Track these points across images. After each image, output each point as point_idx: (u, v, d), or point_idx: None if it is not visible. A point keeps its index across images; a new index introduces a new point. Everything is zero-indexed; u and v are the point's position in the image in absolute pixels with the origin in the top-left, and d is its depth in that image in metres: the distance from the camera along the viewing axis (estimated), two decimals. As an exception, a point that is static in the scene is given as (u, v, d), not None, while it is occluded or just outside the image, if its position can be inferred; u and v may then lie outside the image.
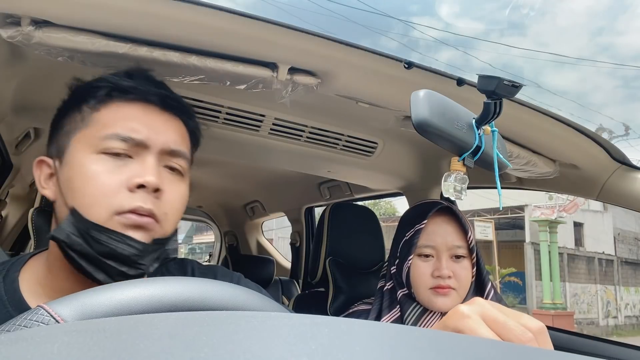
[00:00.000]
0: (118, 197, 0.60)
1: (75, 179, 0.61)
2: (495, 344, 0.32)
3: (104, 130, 0.63)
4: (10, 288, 0.62)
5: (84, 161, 0.61)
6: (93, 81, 0.68)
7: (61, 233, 0.59)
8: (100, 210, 0.59)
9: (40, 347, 0.25)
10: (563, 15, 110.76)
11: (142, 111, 0.66)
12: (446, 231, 1.06)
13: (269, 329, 0.29)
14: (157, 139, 0.64)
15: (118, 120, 0.64)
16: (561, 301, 11.80)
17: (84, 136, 0.63)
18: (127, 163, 0.62)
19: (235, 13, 0.76)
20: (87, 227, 0.58)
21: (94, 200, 0.59)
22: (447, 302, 1.02)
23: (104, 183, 0.60)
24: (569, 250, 13.37)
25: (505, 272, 13.04)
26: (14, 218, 2.39)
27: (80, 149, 0.63)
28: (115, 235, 0.58)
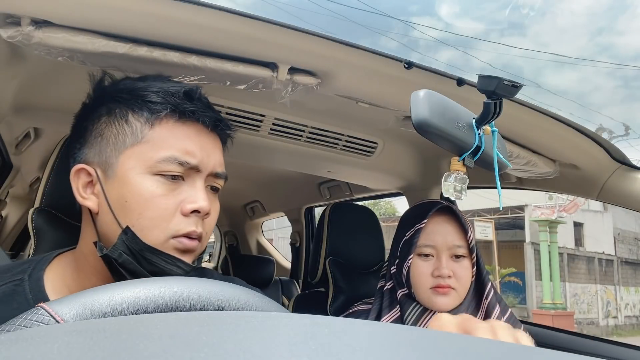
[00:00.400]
0: (174, 221, 0.62)
1: (131, 200, 0.61)
2: (495, 344, 0.32)
3: (160, 151, 0.62)
4: (35, 287, 0.63)
5: (140, 182, 0.61)
6: (142, 91, 0.65)
7: (114, 252, 0.60)
8: (158, 234, 0.61)
9: (40, 347, 0.25)
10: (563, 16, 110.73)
11: (194, 132, 0.65)
12: (446, 231, 1.06)
13: (269, 329, 0.29)
14: (208, 163, 0.66)
15: (173, 141, 0.63)
16: (561, 301, 11.80)
17: (137, 153, 0.62)
18: (180, 185, 0.63)
19: (235, 13, 0.76)
20: (142, 249, 0.60)
21: (152, 223, 0.61)
22: (447, 302, 1.02)
23: (160, 207, 0.61)
24: (569, 250, 13.38)
25: (505, 272, 13.03)
26: (14, 218, 2.40)
27: (134, 167, 0.62)
28: (168, 258, 0.61)
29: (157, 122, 0.63)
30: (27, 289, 0.62)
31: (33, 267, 0.65)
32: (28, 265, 0.66)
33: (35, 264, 0.66)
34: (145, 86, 0.66)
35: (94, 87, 0.71)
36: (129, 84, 0.67)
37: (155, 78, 0.70)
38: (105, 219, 0.63)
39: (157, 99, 0.64)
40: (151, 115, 0.63)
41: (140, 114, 0.64)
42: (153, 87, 0.65)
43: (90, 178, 0.65)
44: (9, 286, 0.62)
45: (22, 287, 0.62)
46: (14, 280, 0.63)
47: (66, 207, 0.88)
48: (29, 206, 0.96)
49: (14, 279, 0.63)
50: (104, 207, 0.63)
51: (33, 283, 0.63)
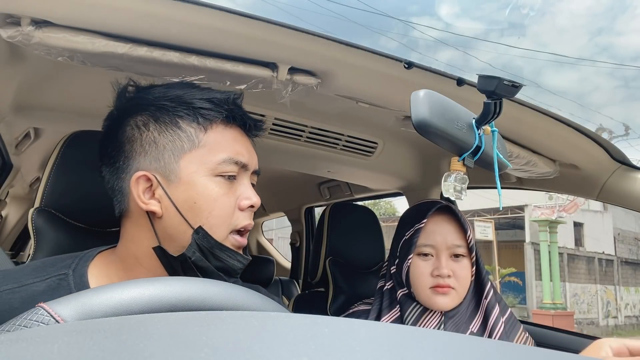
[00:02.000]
0: (234, 217, 0.68)
1: (200, 200, 0.66)
2: (495, 344, 0.32)
3: (218, 154, 0.67)
4: (79, 282, 0.65)
5: (206, 183, 0.66)
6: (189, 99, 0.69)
7: (189, 251, 0.65)
8: (222, 230, 0.67)
9: (40, 347, 0.25)
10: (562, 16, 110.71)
11: (240, 134, 0.72)
12: (446, 230, 1.06)
13: (269, 329, 0.29)
14: (253, 161, 0.72)
15: (226, 144, 0.69)
16: (561, 301, 11.80)
17: (197, 158, 0.67)
18: (234, 184, 0.69)
19: (235, 13, 0.76)
20: (212, 246, 0.66)
21: (220, 220, 0.66)
22: (447, 301, 1.02)
23: (225, 205, 0.67)
24: (569, 250, 13.38)
25: (505, 272, 13.03)
26: (14, 218, 2.40)
27: (197, 171, 0.67)
28: (232, 253, 0.67)
29: (209, 128, 0.68)
30: (71, 283, 0.64)
31: (77, 262, 0.68)
32: (71, 260, 0.68)
33: (79, 259, 0.68)
34: (190, 94, 0.70)
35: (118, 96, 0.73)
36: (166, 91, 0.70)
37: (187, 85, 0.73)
38: (172, 221, 0.66)
39: (208, 106, 0.69)
40: (204, 121, 0.68)
41: (191, 120, 0.68)
42: (199, 95, 0.70)
43: (149, 184, 0.67)
44: (54, 280, 0.65)
45: (67, 282, 0.65)
46: (59, 275, 0.65)
47: (66, 207, 0.88)
48: (29, 206, 0.96)
49: (59, 272, 0.66)
50: (169, 210, 0.66)
51: (77, 278, 0.65)
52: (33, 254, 0.85)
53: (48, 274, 0.65)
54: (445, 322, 1.03)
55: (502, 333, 1.02)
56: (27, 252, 1.87)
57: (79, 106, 1.08)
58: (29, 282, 0.63)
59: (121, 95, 0.73)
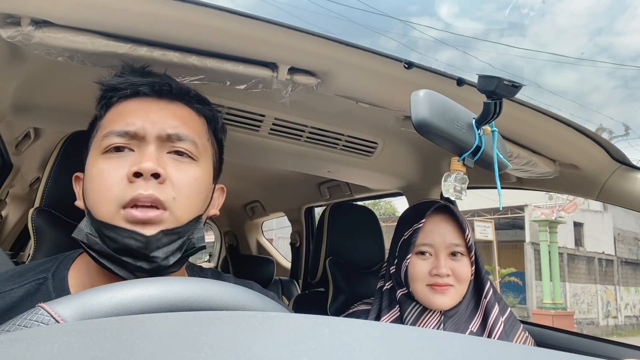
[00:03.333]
0: (119, 188, 0.60)
1: (87, 182, 0.64)
2: (495, 344, 0.32)
3: (104, 131, 0.65)
4: (59, 285, 0.63)
5: (93, 163, 0.64)
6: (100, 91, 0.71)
7: (80, 234, 0.62)
8: (107, 207, 0.60)
9: (40, 347, 0.25)
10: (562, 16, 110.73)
11: (137, 105, 0.67)
12: (444, 229, 1.06)
13: (269, 329, 0.29)
14: (153, 128, 0.64)
15: (115, 119, 0.66)
16: (561, 301, 11.80)
17: (94, 143, 0.67)
18: (129, 156, 0.63)
19: (235, 13, 0.76)
20: (99, 226, 0.60)
21: (101, 196, 0.61)
22: (445, 300, 1.02)
23: (107, 178, 0.61)
24: (569, 250, 13.37)
25: (505, 272, 13.03)
26: (14, 218, 2.39)
27: (91, 155, 0.66)
28: (121, 231, 0.59)
29: (105, 112, 0.68)
30: (50, 287, 0.63)
31: (57, 265, 0.66)
32: (51, 263, 0.66)
33: (59, 262, 0.67)
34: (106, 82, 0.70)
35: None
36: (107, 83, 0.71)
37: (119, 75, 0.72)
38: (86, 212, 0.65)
39: (102, 93, 0.69)
40: (101, 108, 0.69)
41: (98, 115, 0.69)
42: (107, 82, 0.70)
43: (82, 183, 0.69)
44: (32, 285, 0.63)
45: (46, 286, 0.63)
46: (38, 279, 0.63)
47: (66, 207, 0.88)
48: (29, 206, 0.96)
49: (37, 277, 0.64)
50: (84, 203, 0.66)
51: (57, 282, 0.63)
52: (33, 254, 0.85)
53: (26, 280, 0.63)
54: (445, 322, 1.03)
55: (502, 332, 1.03)
56: (27, 252, 1.87)
57: (79, 106, 1.08)
58: (7, 289, 0.61)
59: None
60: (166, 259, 0.61)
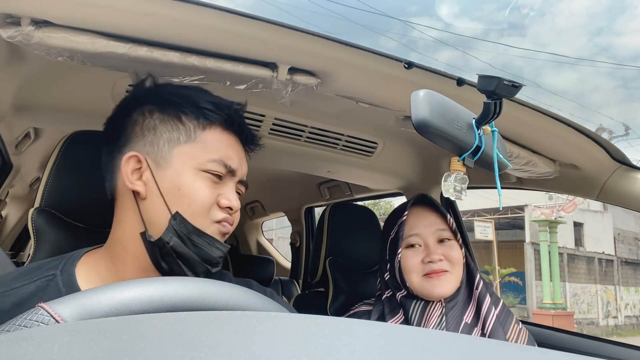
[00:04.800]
0: (213, 210, 0.70)
1: (184, 189, 0.69)
2: (495, 344, 0.32)
3: (210, 153, 0.71)
4: (67, 281, 0.66)
5: (193, 175, 0.70)
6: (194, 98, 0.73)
7: (167, 235, 0.67)
8: (203, 219, 0.69)
9: (40, 347, 0.25)
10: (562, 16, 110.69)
11: (235, 142, 0.75)
12: (427, 218, 1.09)
13: (269, 329, 0.29)
14: (241, 170, 0.75)
15: (220, 146, 0.72)
16: (561, 301, 11.80)
17: (190, 151, 0.71)
18: (218, 184, 0.72)
19: (235, 13, 0.76)
20: (190, 232, 0.67)
21: (199, 210, 0.69)
22: (444, 286, 1.03)
23: (206, 198, 0.69)
24: (569, 250, 13.37)
25: (505, 272, 13.02)
26: (14, 218, 2.39)
27: (186, 163, 0.70)
28: (210, 240, 0.69)
29: (208, 127, 0.72)
30: (59, 283, 0.66)
31: (64, 263, 0.69)
32: (58, 262, 0.69)
33: (66, 260, 0.70)
34: (197, 95, 0.74)
35: (136, 85, 0.77)
36: (177, 89, 0.76)
37: (197, 89, 0.77)
38: (155, 205, 0.69)
39: (210, 107, 0.73)
40: (204, 120, 0.72)
41: (193, 117, 0.72)
42: (204, 97, 0.74)
43: (139, 165, 0.70)
44: (42, 281, 0.66)
45: (55, 282, 0.66)
46: (46, 276, 0.66)
47: (66, 207, 0.88)
48: (29, 206, 0.96)
49: (46, 274, 0.67)
50: (153, 193, 0.69)
51: (65, 277, 0.67)
52: (33, 254, 0.85)
53: (36, 276, 0.66)
54: (447, 313, 1.03)
55: (495, 322, 1.03)
56: (27, 252, 1.86)
57: (79, 106, 1.08)
58: (18, 285, 0.64)
59: (138, 86, 0.77)
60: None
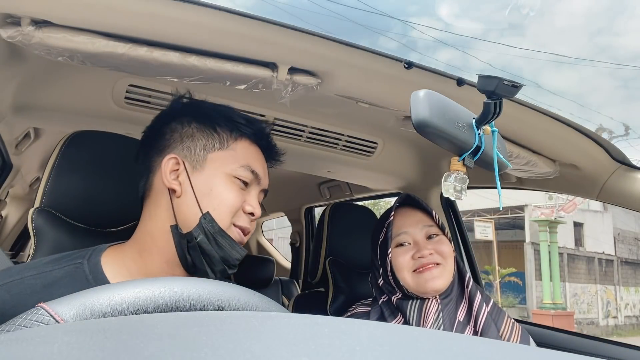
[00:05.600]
0: (238, 214, 0.77)
1: (216, 190, 0.76)
2: (495, 344, 0.32)
3: (240, 160, 0.78)
4: (94, 269, 0.71)
5: (224, 179, 0.77)
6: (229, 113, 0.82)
7: (196, 231, 0.73)
8: (227, 220, 0.75)
9: (40, 347, 0.25)
10: (562, 16, 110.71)
11: (261, 154, 0.84)
12: (413, 217, 1.12)
13: (269, 329, 0.29)
14: (265, 179, 0.83)
15: (248, 155, 0.80)
16: (561, 301, 11.80)
17: (223, 157, 0.78)
18: (245, 189, 0.79)
19: (235, 13, 0.76)
20: (216, 231, 0.74)
21: (226, 212, 0.75)
22: (436, 279, 1.03)
23: (233, 201, 0.76)
24: (569, 250, 13.37)
25: (505, 272, 13.02)
26: (14, 218, 2.39)
27: (219, 168, 0.77)
28: (232, 242, 0.75)
29: (239, 138, 0.80)
30: (86, 270, 0.71)
31: (90, 253, 0.74)
32: (85, 252, 0.74)
33: (92, 251, 0.75)
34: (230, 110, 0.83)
35: (177, 98, 0.83)
36: (213, 105, 0.83)
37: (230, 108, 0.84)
38: (188, 203, 0.75)
39: (243, 122, 0.81)
40: (236, 132, 0.80)
41: (225, 129, 0.80)
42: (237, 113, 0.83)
43: (177, 167, 0.77)
44: (71, 267, 0.71)
45: (82, 269, 0.71)
46: (75, 263, 0.72)
47: (66, 207, 0.88)
48: (29, 206, 0.96)
49: (74, 262, 0.72)
50: (188, 192, 0.75)
51: (92, 266, 0.71)
52: (33, 254, 0.85)
53: (65, 263, 0.71)
54: (442, 310, 1.04)
55: (487, 318, 1.04)
56: (27, 252, 1.86)
57: (79, 106, 1.08)
58: (49, 269, 0.70)
59: (177, 99, 0.83)
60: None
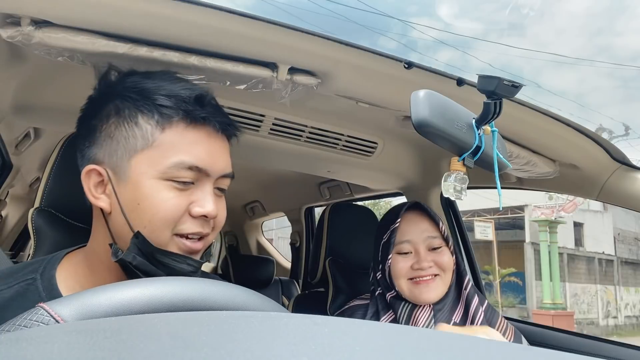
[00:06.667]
0: (181, 222, 0.63)
1: (144, 203, 0.62)
2: (494, 344, 0.32)
3: (171, 157, 0.63)
4: (48, 285, 0.63)
5: (153, 186, 0.62)
6: (152, 93, 0.65)
7: (128, 256, 0.62)
8: (164, 233, 0.63)
9: (40, 347, 0.25)
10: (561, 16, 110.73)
11: (204, 136, 0.66)
12: (419, 225, 1.11)
13: (269, 329, 0.29)
14: (217, 167, 0.66)
15: (183, 145, 0.63)
16: (561, 301, 11.80)
17: (148, 158, 0.63)
18: (190, 188, 0.64)
19: (235, 13, 0.76)
20: (152, 251, 0.62)
21: (161, 225, 0.62)
22: (431, 292, 1.04)
23: (171, 210, 0.62)
24: (569, 250, 13.36)
25: (505, 272, 13.01)
26: (14, 218, 2.39)
27: (146, 172, 0.62)
28: (176, 257, 0.63)
29: (167, 126, 0.63)
30: (40, 287, 0.63)
31: (44, 266, 0.66)
32: (39, 264, 0.66)
33: (46, 263, 0.66)
34: (155, 87, 0.65)
35: (99, 81, 0.72)
36: (137, 82, 0.67)
37: (164, 76, 0.69)
38: (118, 219, 0.64)
39: (168, 104, 0.64)
40: (162, 119, 0.63)
41: (150, 117, 0.63)
42: (163, 90, 0.65)
43: (101, 178, 0.65)
44: (21, 285, 0.63)
45: (35, 286, 0.63)
46: (26, 280, 0.63)
47: (66, 207, 0.88)
48: (29, 206, 0.96)
49: (25, 278, 0.64)
50: (116, 207, 0.64)
51: (46, 282, 0.63)
52: (33, 254, 0.85)
53: (15, 280, 0.63)
54: (435, 315, 1.04)
55: (483, 321, 1.04)
56: (27, 252, 1.86)
57: (79, 106, 1.08)
58: None
59: (101, 80, 0.71)
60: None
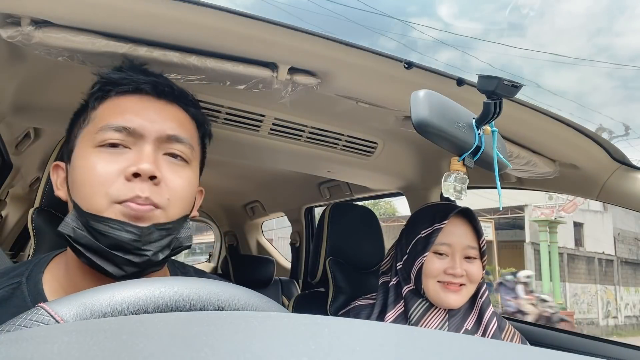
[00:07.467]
0: (115, 186, 0.60)
1: (77, 174, 0.62)
2: (495, 344, 0.32)
3: (98, 124, 0.64)
4: (33, 290, 0.62)
5: (84, 155, 0.63)
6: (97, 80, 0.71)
7: (66, 227, 0.60)
8: (99, 200, 0.59)
9: (40, 347, 0.25)
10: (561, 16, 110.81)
11: (136, 102, 0.67)
12: (463, 232, 1.10)
13: (269, 329, 0.29)
14: (152, 127, 0.64)
15: (113, 113, 0.65)
16: (561, 301, 11.80)
17: (85, 134, 0.65)
18: (124, 153, 0.62)
19: (235, 13, 0.76)
20: (87, 219, 0.59)
21: (92, 190, 0.60)
22: (458, 299, 1.05)
23: (100, 173, 0.60)
24: (569, 250, 13.37)
25: (505, 272, 13.02)
26: (14, 218, 2.39)
27: (82, 147, 0.64)
28: (113, 223, 0.58)
29: (100, 104, 0.67)
30: (25, 292, 0.62)
31: (31, 269, 0.65)
32: (25, 267, 0.66)
33: (33, 265, 0.66)
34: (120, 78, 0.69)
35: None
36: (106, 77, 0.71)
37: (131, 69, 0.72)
38: (69, 204, 0.65)
39: (99, 86, 0.69)
40: (94, 99, 0.68)
41: (89, 104, 0.69)
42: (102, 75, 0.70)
43: (65, 173, 0.68)
44: (7, 290, 0.62)
45: (21, 290, 0.62)
46: (11, 284, 0.63)
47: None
48: (29, 206, 0.96)
49: (11, 282, 0.63)
50: (68, 194, 0.65)
51: (31, 286, 0.62)
52: (33, 254, 0.85)
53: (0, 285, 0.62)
54: (449, 320, 1.05)
55: (496, 330, 1.05)
56: (27, 252, 1.86)
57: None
58: None
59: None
60: (156, 254, 0.61)
